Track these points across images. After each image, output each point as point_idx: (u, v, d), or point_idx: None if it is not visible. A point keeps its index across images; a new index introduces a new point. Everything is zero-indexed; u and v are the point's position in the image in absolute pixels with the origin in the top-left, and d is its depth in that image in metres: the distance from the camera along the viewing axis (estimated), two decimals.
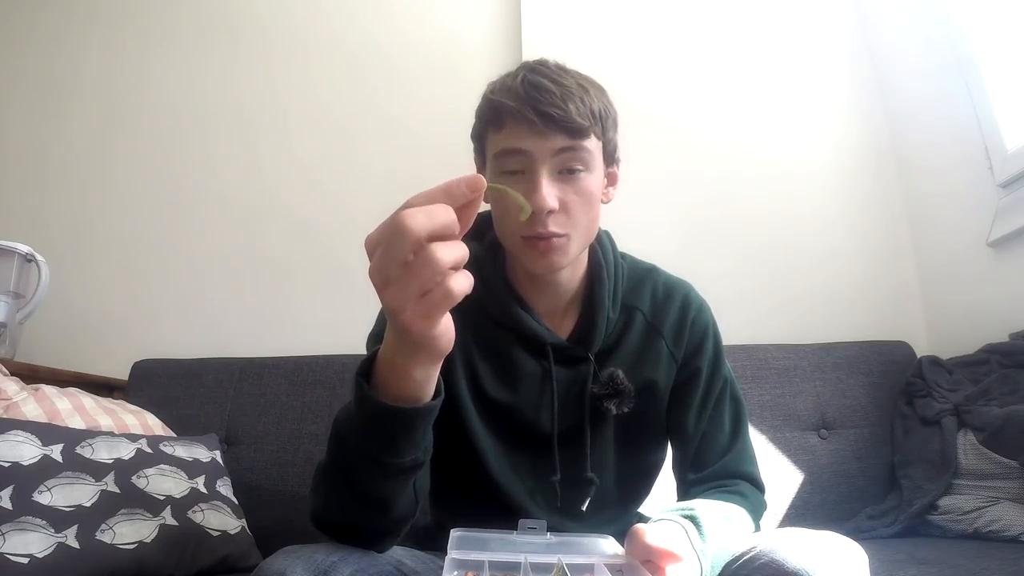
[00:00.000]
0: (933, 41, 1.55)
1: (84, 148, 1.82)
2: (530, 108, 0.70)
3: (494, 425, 0.83)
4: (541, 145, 0.71)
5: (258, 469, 1.35)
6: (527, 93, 0.71)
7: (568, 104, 0.71)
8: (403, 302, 0.46)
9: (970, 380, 1.28)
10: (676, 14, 1.81)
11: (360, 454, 0.57)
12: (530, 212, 0.59)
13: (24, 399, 1.08)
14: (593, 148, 0.75)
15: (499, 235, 0.81)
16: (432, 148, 1.72)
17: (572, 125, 0.71)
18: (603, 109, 0.75)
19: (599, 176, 0.77)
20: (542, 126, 0.71)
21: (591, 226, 0.78)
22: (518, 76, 0.74)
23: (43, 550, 0.85)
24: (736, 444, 0.83)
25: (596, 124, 0.74)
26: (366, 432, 0.56)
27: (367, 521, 0.62)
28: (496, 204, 0.78)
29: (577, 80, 0.74)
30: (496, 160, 0.75)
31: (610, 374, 0.81)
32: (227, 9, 1.90)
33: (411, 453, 0.57)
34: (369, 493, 0.59)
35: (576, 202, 0.73)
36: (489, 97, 0.76)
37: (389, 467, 0.56)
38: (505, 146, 0.73)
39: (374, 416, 0.54)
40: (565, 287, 0.83)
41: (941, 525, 1.16)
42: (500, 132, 0.74)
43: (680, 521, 0.63)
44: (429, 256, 0.44)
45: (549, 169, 0.72)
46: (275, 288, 1.69)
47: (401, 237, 0.44)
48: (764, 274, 1.65)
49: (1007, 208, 1.34)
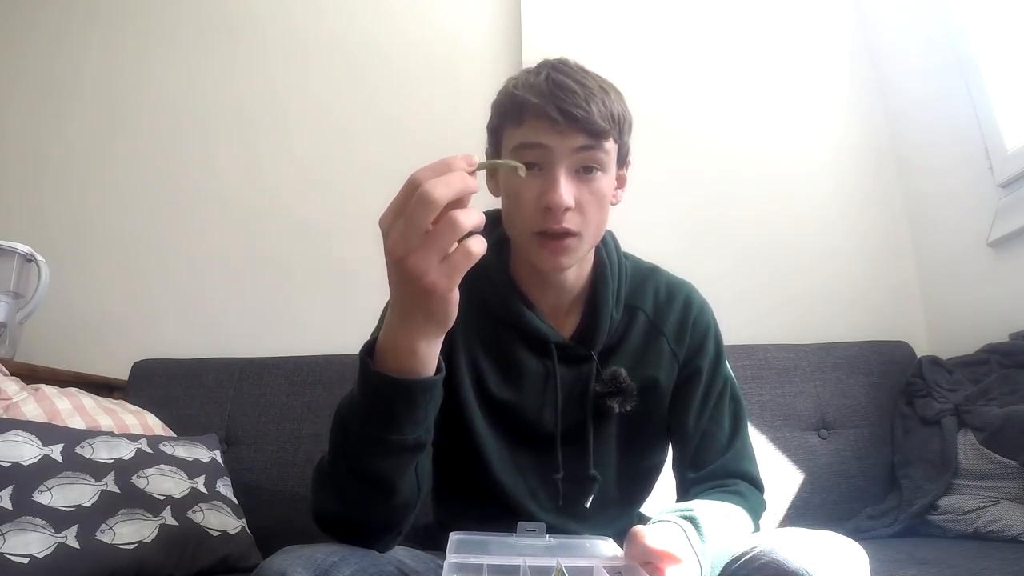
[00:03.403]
0: (933, 41, 1.55)
1: (84, 148, 1.82)
2: (553, 106, 0.71)
3: (497, 423, 0.83)
4: (561, 142, 0.72)
5: (258, 469, 1.35)
6: (551, 91, 0.72)
7: (591, 105, 0.71)
8: (427, 266, 0.50)
9: (970, 380, 1.28)
10: (676, 14, 1.80)
11: (362, 434, 0.58)
12: (525, 171, 0.62)
13: (24, 399, 1.08)
14: (610, 150, 0.75)
15: (509, 230, 0.81)
16: (432, 148, 1.70)
17: (593, 126, 0.72)
18: (621, 113, 0.76)
19: (612, 178, 0.78)
20: (564, 124, 0.71)
21: (601, 226, 0.78)
22: (541, 73, 0.74)
23: (43, 550, 0.85)
24: (735, 443, 0.84)
25: (614, 127, 0.75)
26: (369, 409, 0.57)
27: (369, 510, 0.62)
28: (511, 196, 0.78)
29: (599, 83, 0.76)
30: (514, 153, 0.75)
31: (613, 373, 0.81)
32: (227, 9, 1.89)
33: (413, 431, 0.58)
34: (371, 474, 0.59)
35: (590, 201, 0.74)
36: (512, 91, 0.76)
37: (391, 444, 0.58)
38: (525, 140, 0.74)
39: (377, 390, 0.56)
40: (570, 286, 0.83)
41: (941, 525, 1.16)
42: (520, 127, 0.74)
43: (679, 522, 0.63)
44: (451, 221, 0.49)
45: (567, 167, 0.73)
46: (275, 288, 1.69)
47: (425, 206, 0.48)
48: (764, 274, 1.65)
49: (1007, 208, 1.34)
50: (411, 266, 0.50)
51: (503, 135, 0.78)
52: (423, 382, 0.56)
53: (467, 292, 0.83)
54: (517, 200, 0.76)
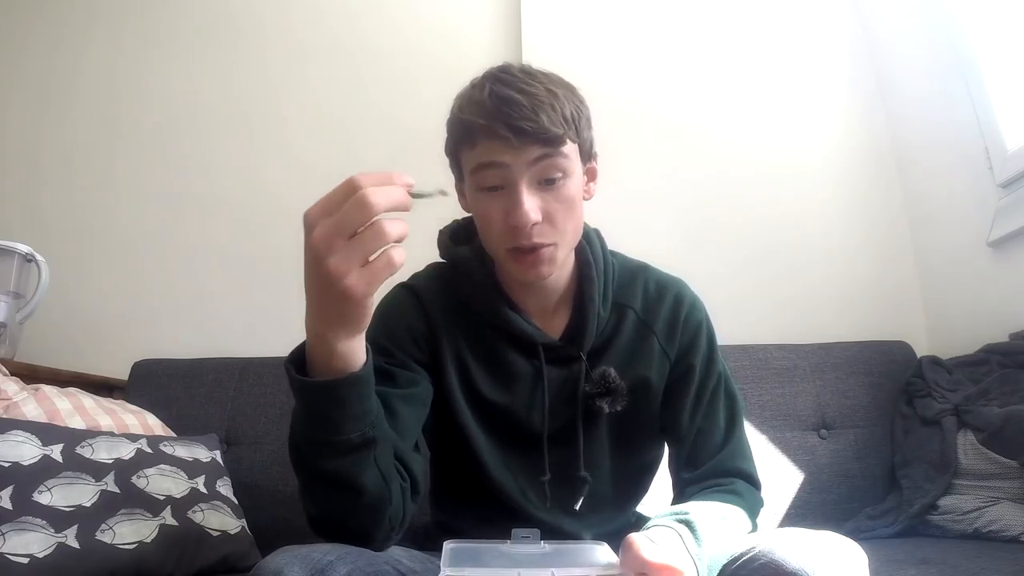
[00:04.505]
0: (933, 41, 1.55)
1: (84, 148, 1.82)
2: (502, 124, 0.69)
3: (489, 425, 0.82)
4: (517, 158, 0.71)
5: (258, 469, 1.35)
6: (496, 108, 0.70)
7: (540, 114, 0.69)
8: (348, 268, 0.51)
9: (970, 380, 1.28)
10: (676, 14, 1.80)
11: (308, 439, 0.59)
12: (448, 194, 0.60)
13: (24, 399, 1.08)
14: (570, 152, 0.74)
15: (485, 246, 0.80)
16: (432, 148, 1.70)
17: (547, 135, 0.70)
18: (575, 111, 0.74)
19: (578, 179, 0.77)
20: (516, 141, 0.70)
21: (576, 230, 0.78)
22: (484, 89, 0.72)
23: (43, 550, 0.85)
24: (731, 441, 0.83)
25: (570, 128, 0.73)
26: (306, 414, 0.59)
27: (342, 511, 0.63)
28: (479, 217, 0.77)
29: (545, 85, 0.73)
30: (473, 176, 0.74)
31: (602, 373, 0.81)
32: (227, 9, 1.89)
33: (355, 428, 0.59)
34: (329, 476, 0.60)
35: (559, 210, 0.73)
36: (458, 116, 0.75)
37: (337, 444, 0.58)
38: (481, 161, 0.72)
39: (305, 395, 0.58)
40: (553, 287, 0.83)
41: (941, 525, 1.16)
42: (474, 149, 0.73)
43: (675, 526, 0.62)
44: (380, 229, 0.51)
45: (528, 180, 0.72)
46: (275, 288, 1.69)
47: (360, 210, 0.50)
48: (764, 274, 1.65)
49: (1007, 208, 1.34)
50: (332, 266, 0.51)
51: (461, 158, 0.77)
52: (345, 380, 0.57)
53: (452, 295, 0.84)
54: (485, 220, 0.75)
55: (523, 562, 0.57)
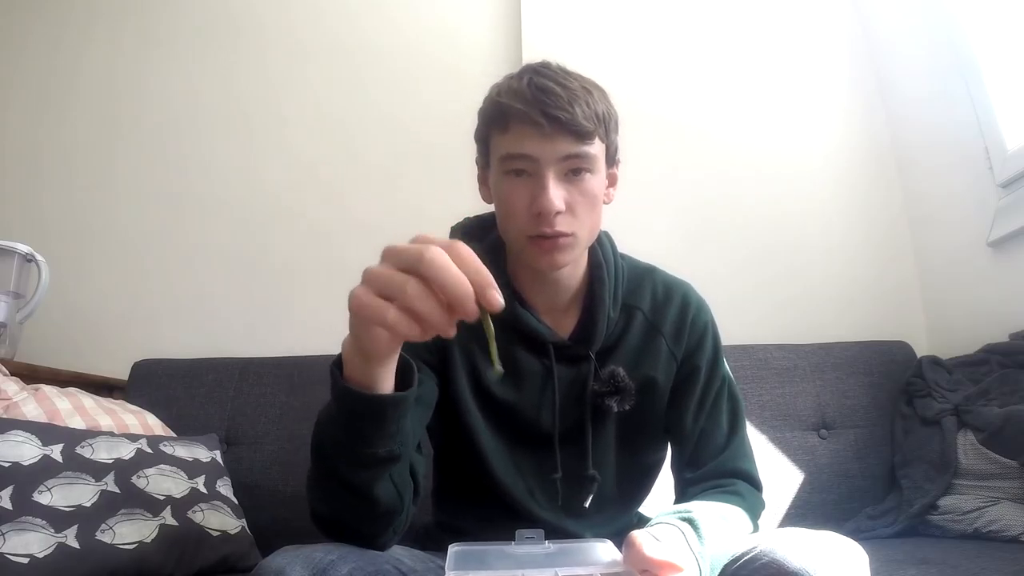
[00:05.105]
0: (933, 41, 1.55)
1: (84, 148, 1.82)
2: (538, 111, 0.71)
3: (496, 424, 0.83)
4: (548, 147, 0.72)
5: (258, 469, 1.35)
6: (534, 96, 0.72)
7: (575, 107, 0.71)
8: (385, 319, 0.47)
9: (970, 380, 1.28)
10: (677, 14, 1.80)
11: (337, 444, 0.59)
12: (501, 373, 0.54)
13: (24, 399, 1.08)
14: (597, 151, 0.76)
15: (503, 233, 0.81)
16: (432, 148, 1.72)
17: (579, 128, 0.72)
18: (606, 112, 0.76)
19: (602, 178, 0.79)
20: (549, 128, 0.71)
21: (595, 226, 0.79)
22: (523, 78, 0.74)
23: (43, 550, 0.85)
24: (733, 442, 0.84)
25: (600, 127, 0.75)
26: (342, 422, 0.57)
27: (354, 514, 0.63)
28: (502, 202, 0.78)
29: (581, 83, 0.75)
30: (502, 162, 0.75)
31: (611, 372, 0.81)
32: (227, 9, 1.89)
33: (384, 445, 0.58)
34: (347, 483, 0.60)
35: (582, 203, 0.75)
36: (495, 99, 0.76)
37: (363, 456, 0.58)
38: (511, 149, 0.74)
39: (349, 405, 0.56)
40: (565, 285, 0.83)
41: (941, 525, 1.16)
42: (506, 134, 0.74)
43: (678, 524, 0.63)
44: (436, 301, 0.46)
45: (556, 171, 0.73)
46: (275, 288, 1.69)
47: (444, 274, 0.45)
48: (764, 274, 1.65)
49: (1007, 208, 1.34)
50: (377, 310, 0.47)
51: (490, 142, 0.78)
52: (393, 399, 0.56)
53: None
54: (509, 207, 0.76)
55: (527, 563, 0.57)
